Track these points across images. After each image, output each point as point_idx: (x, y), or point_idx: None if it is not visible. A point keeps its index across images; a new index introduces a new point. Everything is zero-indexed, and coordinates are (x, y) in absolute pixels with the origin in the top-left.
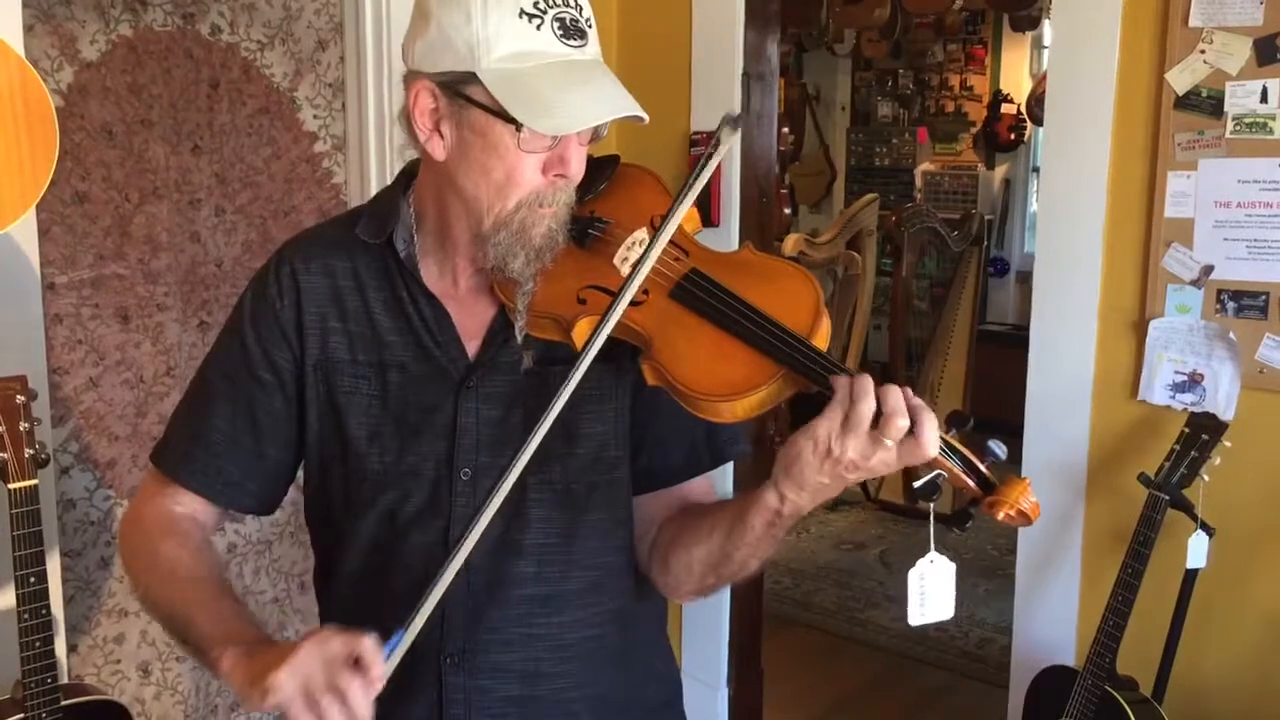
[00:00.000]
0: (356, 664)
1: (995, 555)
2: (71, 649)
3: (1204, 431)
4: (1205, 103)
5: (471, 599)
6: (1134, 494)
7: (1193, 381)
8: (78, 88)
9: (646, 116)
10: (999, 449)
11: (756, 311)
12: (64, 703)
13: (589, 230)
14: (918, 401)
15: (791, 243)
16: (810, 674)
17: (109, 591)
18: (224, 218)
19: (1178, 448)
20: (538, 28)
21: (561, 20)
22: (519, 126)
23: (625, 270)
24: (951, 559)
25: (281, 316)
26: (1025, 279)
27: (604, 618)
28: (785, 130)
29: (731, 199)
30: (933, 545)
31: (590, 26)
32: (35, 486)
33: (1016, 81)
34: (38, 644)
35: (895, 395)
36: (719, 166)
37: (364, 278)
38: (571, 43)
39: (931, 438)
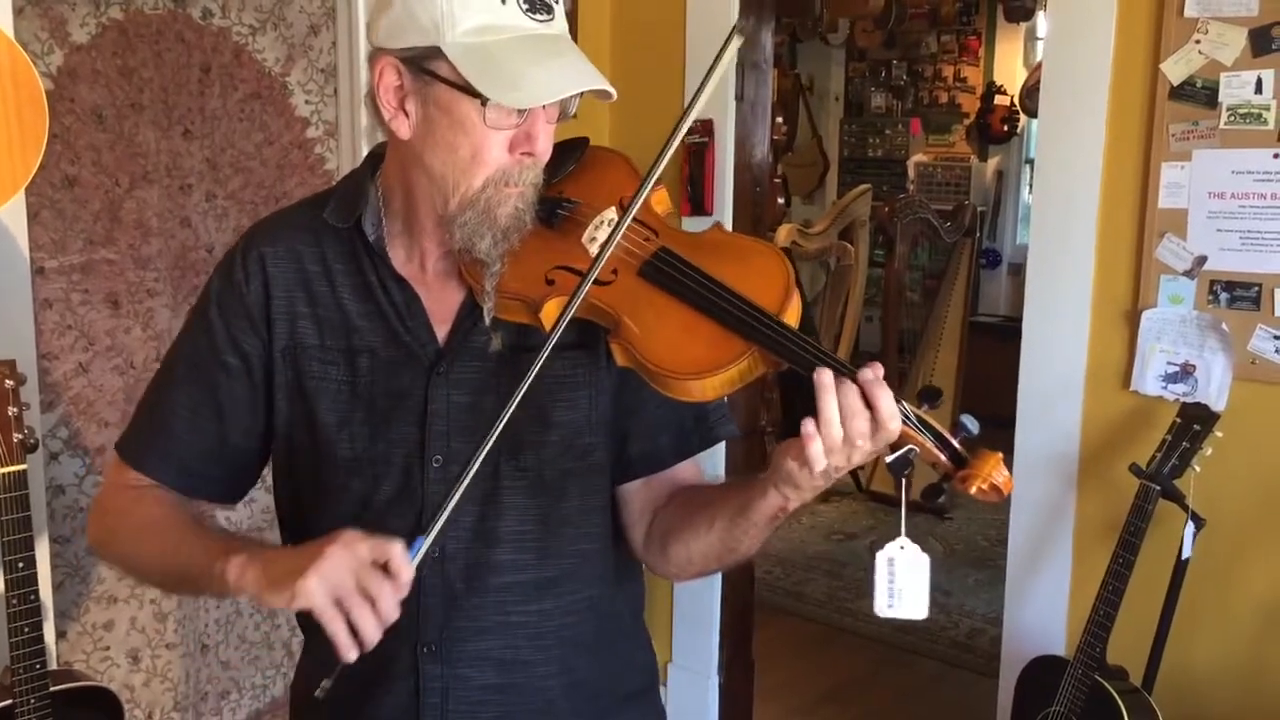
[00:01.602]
0: (384, 568)
1: (985, 545)
2: (60, 635)
3: (1195, 422)
4: (1200, 93)
5: (447, 588)
6: (1125, 484)
7: (1185, 372)
8: (67, 70)
9: (614, 92)
10: (971, 424)
11: (725, 288)
12: (53, 689)
13: (557, 210)
14: (868, 375)
15: (784, 233)
16: (801, 663)
17: (98, 578)
18: (215, 203)
19: (1169, 438)
20: (503, 2)
21: None
22: (485, 102)
23: (594, 250)
24: (934, 551)
25: (248, 301)
26: (1017, 271)
27: (581, 605)
28: (779, 120)
29: (725, 189)
30: (904, 527)
31: (557, 2)
32: (24, 471)
33: (1010, 73)
34: (26, 630)
35: (851, 396)
36: (712, 156)
37: (331, 262)
38: (538, 17)
39: (890, 413)
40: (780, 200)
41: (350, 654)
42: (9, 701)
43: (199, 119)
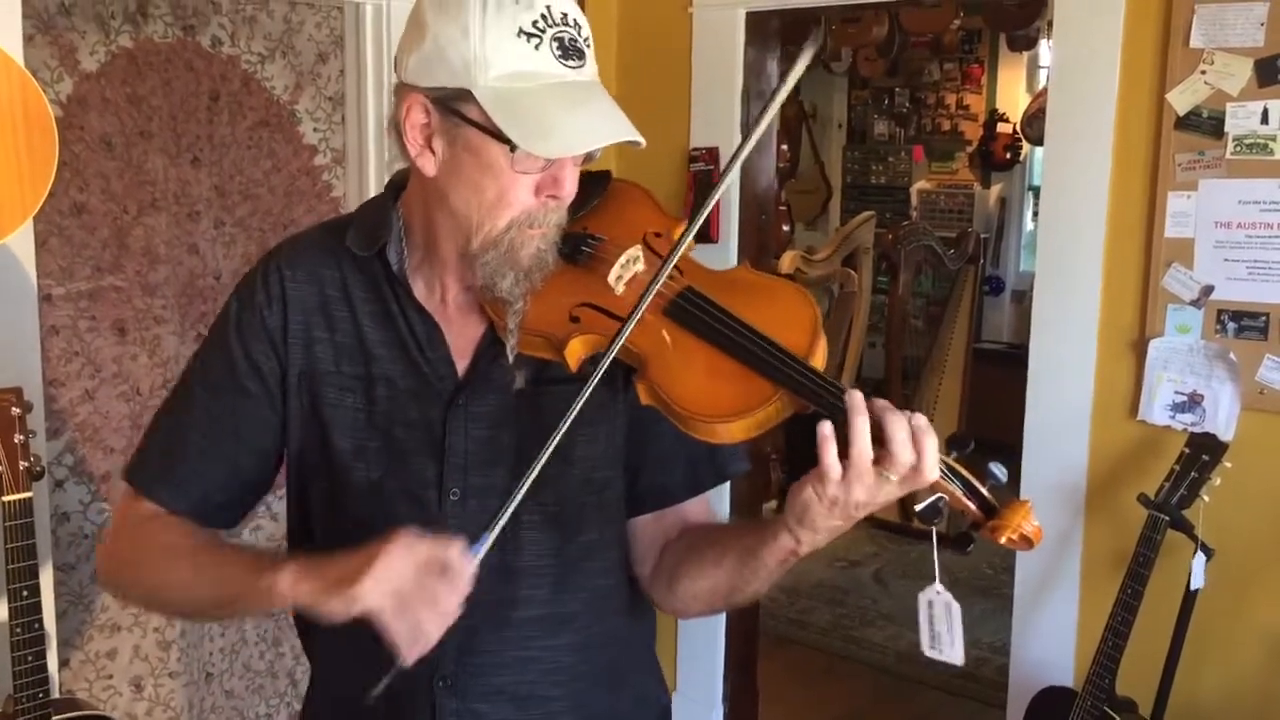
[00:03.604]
0: (443, 570)
1: (990, 574)
2: (63, 664)
3: (1204, 452)
4: (1206, 123)
5: (466, 623)
6: (1133, 514)
7: (1192, 402)
8: (77, 98)
9: (644, 141)
10: (1000, 472)
11: (753, 331)
12: (55, 718)
13: (581, 247)
14: (920, 423)
15: (788, 260)
16: (805, 692)
17: (102, 606)
18: (223, 230)
19: (1177, 468)
20: (536, 47)
21: (560, 40)
22: (513, 147)
23: (620, 289)
24: (949, 584)
25: (269, 324)
26: (1020, 298)
27: (597, 639)
28: (783, 148)
29: (730, 216)
30: (938, 575)
31: (588, 46)
32: (30, 499)
33: (1012, 101)
34: (30, 659)
35: (900, 427)
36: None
37: (352, 288)
38: (570, 63)
39: (932, 463)
40: (785, 227)
41: (412, 656)
42: None
43: (207, 146)
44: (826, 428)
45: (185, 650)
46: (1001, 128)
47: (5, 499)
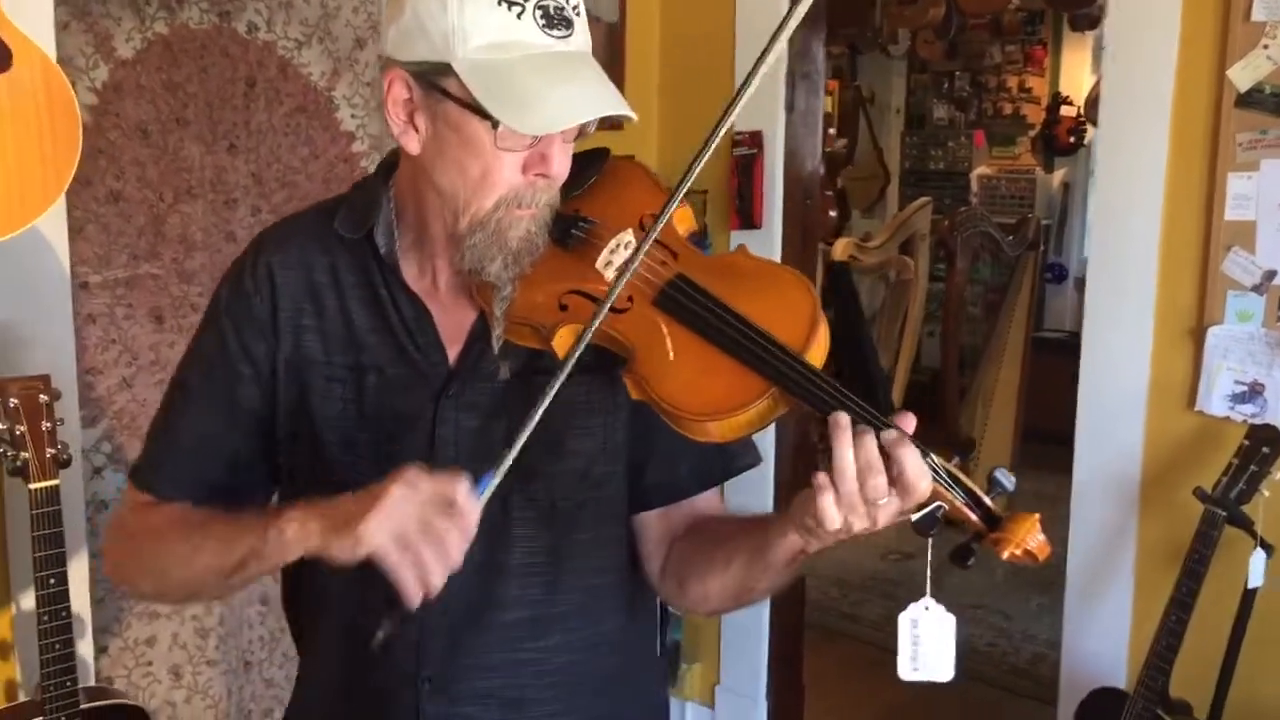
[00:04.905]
0: (449, 507)
1: (1048, 568)
2: (101, 651)
3: (1264, 445)
4: (1268, 100)
5: (451, 624)
6: (1190, 509)
7: (1253, 392)
8: (113, 86)
9: (635, 115)
10: (1007, 480)
11: (745, 323)
12: (83, 706)
13: (572, 230)
14: (891, 435)
15: (842, 247)
16: (854, 687)
17: None
18: (260, 218)
19: (1236, 461)
20: (518, 16)
21: (545, 8)
22: (495, 123)
23: (609, 275)
24: (995, 573)
25: (258, 310)
26: (1084, 285)
27: (592, 641)
28: (831, 131)
29: (774, 200)
30: (929, 589)
31: (578, 15)
32: (56, 487)
33: (1076, 83)
34: (57, 646)
35: (870, 449)
36: (761, 168)
37: (342, 273)
38: (555, 33)
39: (916, 470)
40: (833, 212)
41: (416, 599)
42: (40, 718)
43: (244, 133)
44: (822, 478)
45: (224, 638)
46: (1065, 111)
47: (32, 486)
